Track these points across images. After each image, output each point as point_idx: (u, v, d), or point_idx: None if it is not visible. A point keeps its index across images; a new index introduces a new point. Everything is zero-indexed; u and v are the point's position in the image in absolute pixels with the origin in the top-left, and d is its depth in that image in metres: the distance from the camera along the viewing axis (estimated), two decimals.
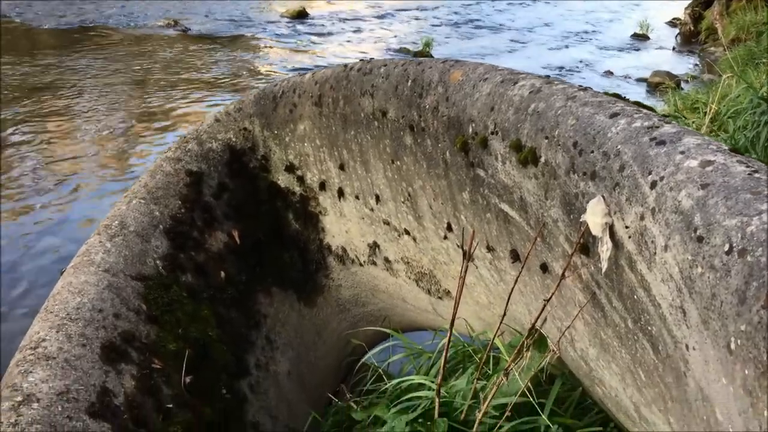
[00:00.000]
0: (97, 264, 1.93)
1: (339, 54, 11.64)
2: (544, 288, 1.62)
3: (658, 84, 9.33)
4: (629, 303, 1.26)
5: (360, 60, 2.24)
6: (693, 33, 13.61)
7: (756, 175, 1.01)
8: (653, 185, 1.14)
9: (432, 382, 1.98)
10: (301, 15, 14.75)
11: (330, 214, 2.55)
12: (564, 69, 11.04)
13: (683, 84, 9.21)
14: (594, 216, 1.27)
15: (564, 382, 1.85)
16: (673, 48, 13.26)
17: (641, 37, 14.20)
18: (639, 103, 1.47)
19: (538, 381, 1.82)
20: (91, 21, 13.05)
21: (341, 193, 2.44)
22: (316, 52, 11.90)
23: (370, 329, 2.74)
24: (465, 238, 1.90)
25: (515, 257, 1.74)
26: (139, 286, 1.97)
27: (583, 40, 14.04)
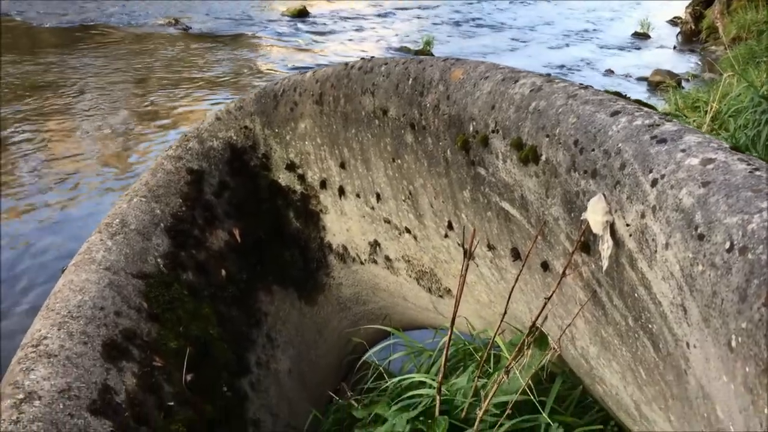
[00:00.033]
0: (99, 262, 1.93)
1: (340, 53, 11.63)
2: (544, 286, 1.62)
3: (658, 83, 9.32)
4: (630, 301, 1.26)
5: (361, 58, 2.24)
6: (694, 32, 13.60)
7: (757, 173, 1.01)
8: (654, 183, 1.14)
9: (433, 380, 1.99)
10: (302, 14, 14.75)
11: (331, 212, 2.55)
12: (565, 67, 11.04)
13: (684, 83, 9.20)
14: (595, 214, 1.27)
15: (564, 380, 1.85)
16: (674, 47, 13.25)
17: (642, 36, 14.19)
18: (640, 102, 1.47)
19: (538, 379, 1.82)
20: (92, 20, 13.05)
21: (342, 192, 2.44)
22: (316, 50, 11.90)
23: (370, 327, 2.74)
24: (466, 236, 1.90)
25: (516, 255, 1.74)
26: (140, 284, 1.97)
27: (584, 38, 14.03)
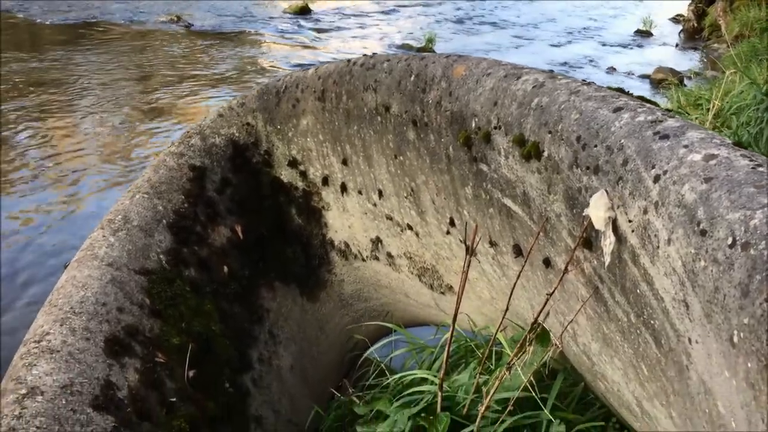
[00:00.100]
0: (101, 258, 1.93)
1: (342, 50, 11.63)
2: (546, 283, 1.62)
3: (661, 80, 9.31)
4: (632, 297, 1.26)
5: (363, 55, 2.24)
6: (696, 29, 13.58)
7: (759, 169, 1.01)
8: (656, 179, 1.14)
9: (434, 376, 1.99)
10: (304, 11, 14.75)
11: (333, 209, 2.55)
12: (567, 65, 11.03)
13: (686, 80, 9.17)
14: (597, 210, 1.27)
15: (566, 377, 1.85)
16: (677, 44, 13.24)
17: (644, 34, 14.18)
18: (643, 98, 1.47)
19: (540, 376, 1.82)
20: (94, 16, 13.06)
21: (344, 188, 2.44)
22: (318, 47, 11.90)
23: (372, 324, 2.74)
24: (468, 233, 1.90)
25: (518, 252, 1.74)
26: (143, 280, 1.97)
27: (587, 36, 14.02)
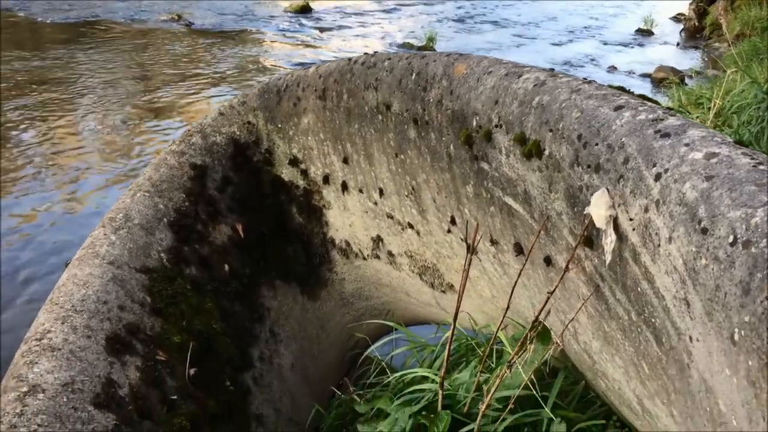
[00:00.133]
0: (102, 256, 1.93)
1: (343, 48, 11.63)
2: (547, 281, 1.62)
3: (662, 79, 9.29)
4: (633, 295, 1.26)
5: (364, 53, 2.24)
6: (697, 28, 13.57)
7: (761, 167, 1.01)
8: (658, 177, 1.14)
9: (435, 375, 1.99)
10: (305, 9, 14.74)
11: (334, 207, 2.55)
12: (569, 64, 11.02)
13: (687, 79, 9.17)
14: (598, 208, 1.27)
15: (567, 375, 1.85)
16: (678, 43, 13.22)
17: (645, 33, 14.16)
18: (644, 96, 1.47)
19: (541, 374, 1.82)
20: (95, 15, 13.06)
21: (345, 187, 2.44)
22: (319, 46, 11.90)
23: (373, 322, 2.75)
24: (469, 231, 1.90)
25: (519, 250, 1.74)
26: (144, 278, 1.98)
27: (588, 35, 14.01)
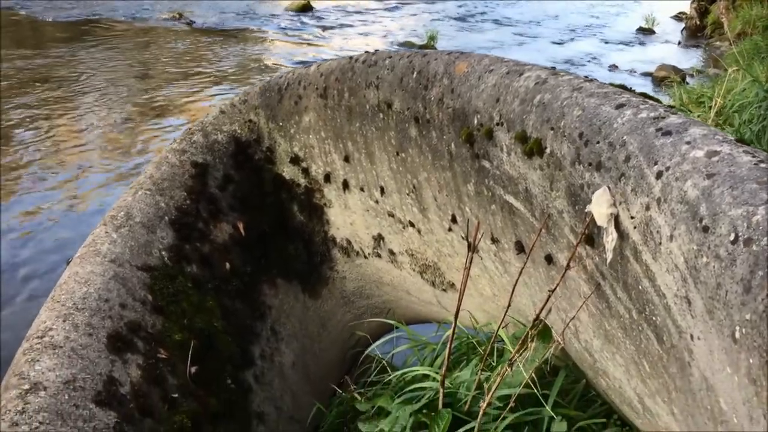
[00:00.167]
0: (103, 254, 1.93)
1: (344, 47, 11.62)
2: (548, 279, 1.62)
3: (663, 78, 9.28)
4: (634, 293, 1.26)
5: (365, 52, 2.24)
6: (699, 27, 13.55)
7: (762, 165, 1.01)
8: (659, 175, 1.14)
9: (436, 373, 1.99)
10: (306, 8, 14.73)
11: (335, 206, 2.55)
12: (570, 62, 11.01)
13: (689, 78, 9.15)
14: (599, 206, 1.27)
15: (568, 373, 1.85)
16: (679, 42, 13.20)
17: (647, 31, 14.14)
18: (645, 95, 1.47)
19: (542, 373, 1.82)
20: (96, 13, 13.06)
21: (346, 185, 2.44)
22: (320, 45, 11.89)
23: (374, 321, 2.75)
24: (470, 229, 1.90)
25: (520, 249, 1.74)
26: (145, 276, 1.98)
27: (589, 33, 13.99)
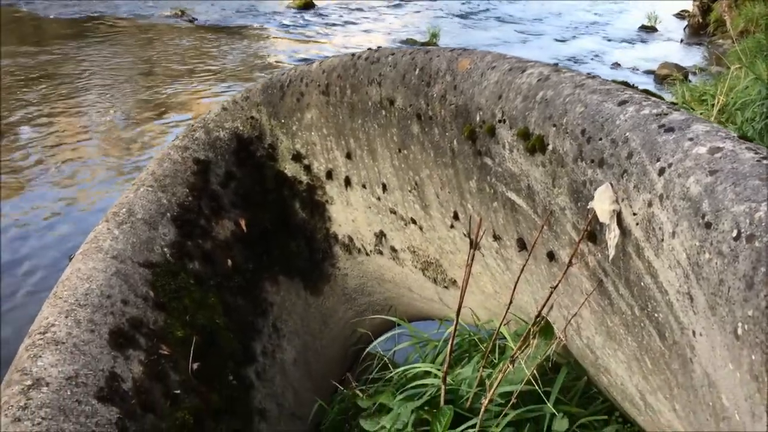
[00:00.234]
0: (105, 251, 1.94)
1: (346, 44, 11.61)
2: (550, 276, 1.62)
3: (665, 76, 9.26)
4: (636, 290, 1.26)
5: (368, 49, 2.24)
6: (701, 25, 13.53)
7: (765, 162, 1.01)
8: (661, 172, 1.14)
9: (438, 370, 1.99)
10: (308, 5, 14.71)
11: (337, 203, 2.55)
12: (572, 60, 11.00)
13: (691, 76, 9.14)
14: (601, 203, 1.27)
15: (569, 370, 1.85)
16: (681, 40, 13.18)
17: (649, 29, 14.11)
18: (648, 91, 1.46)
19: (543, 370, 1.82)
20: (98, 11, 13.06)
21: (348, 182, 2.44)
22: (322, 42, 11.88)
23: (376, 318, 2.75)
24: (472, 226, 1.90)
25: (522, 246, 1.74)
26: (147, 273, 1.98)
27: (592, 31, 13.97)
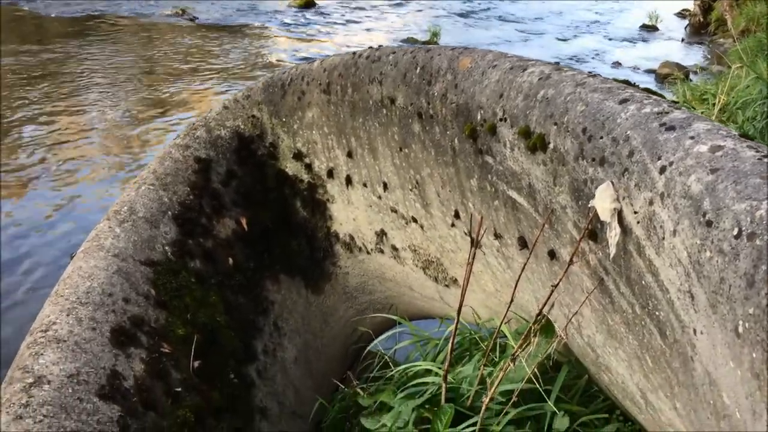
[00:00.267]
0: (107, 249, 1.94)
1: (347, 43, 11.61)
2: (551, 275, 1.63)
3: (666, 75, 9.26)
4: (637, 288, 1.26)
5: (369, 47, 2.24)
6: (702, 24, 13.53)
7: (766, 160, 1.01)
8: (662, 170, 1.14)
9: (439, 368, 1.99)
10: (309, 4, 14.71)
11: (337, 201, 2.55)
12: (573, 59, 10.99)
13: (692, 75, 9.14)
14: (602, 201, 1.27)
15: (570, 369, 1.85)
16: (682, 39, 13.18)
17: (650, 28, 14.11)
18: (649, 90, 1.46)
19: (544, 368, 1.82)
20: (99, 9, 13.06)
21: (349, 181, 2.44)
22: (324, 40, 11.88)
23: (377, 316, 2.75)
24: (473, 225, 1.90)
25: (523, 244, 1.74)
26: (148, 271, 1.98)
27: (593, 30, 13.97)
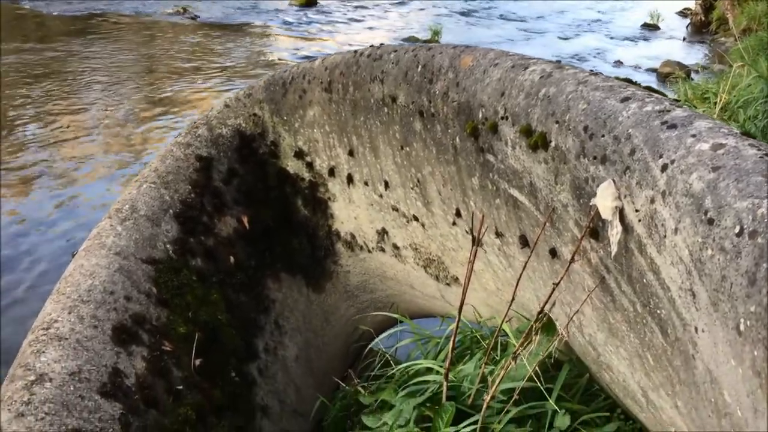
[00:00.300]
0: (108, 247, 1.94)
1: (348, 42, 11.60)
2: (552, 273, 1.63)
3: (668, 74, 9.25)
4: (638, 287, 1.26)
5: (370, 46, 2.24)
6: (704, 23, 13.51)
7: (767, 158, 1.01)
8: (664, 168, 1.14)
9: (440, 366, 1.99)
10: (310, 3, 14.69)
11: (339, 200, 2.55)
12: (575, 58, 10.98)
13: (693, 74, 9.13)
14: (604, 200, 1.27)
15: (571, 367, 1.85)
16: (684, 38, 13.16)
17: (651, 27, 14.09)
18: (650, 88, 1.46)
19: (545, 366, 1.83)
20: (101, 8, 13.06)
21: (350, 180, 2.44)
22: (325, 39, 11.88)
23: (378, 315, 2.75)
24: (474, 223, 1.90)
25: (524, 243, 1.74)
26: (150, 269, 1.99)
27: (594, 29, 13.95)
